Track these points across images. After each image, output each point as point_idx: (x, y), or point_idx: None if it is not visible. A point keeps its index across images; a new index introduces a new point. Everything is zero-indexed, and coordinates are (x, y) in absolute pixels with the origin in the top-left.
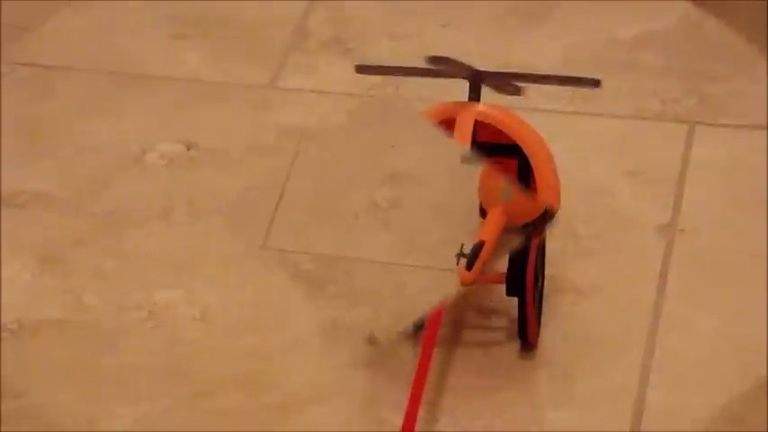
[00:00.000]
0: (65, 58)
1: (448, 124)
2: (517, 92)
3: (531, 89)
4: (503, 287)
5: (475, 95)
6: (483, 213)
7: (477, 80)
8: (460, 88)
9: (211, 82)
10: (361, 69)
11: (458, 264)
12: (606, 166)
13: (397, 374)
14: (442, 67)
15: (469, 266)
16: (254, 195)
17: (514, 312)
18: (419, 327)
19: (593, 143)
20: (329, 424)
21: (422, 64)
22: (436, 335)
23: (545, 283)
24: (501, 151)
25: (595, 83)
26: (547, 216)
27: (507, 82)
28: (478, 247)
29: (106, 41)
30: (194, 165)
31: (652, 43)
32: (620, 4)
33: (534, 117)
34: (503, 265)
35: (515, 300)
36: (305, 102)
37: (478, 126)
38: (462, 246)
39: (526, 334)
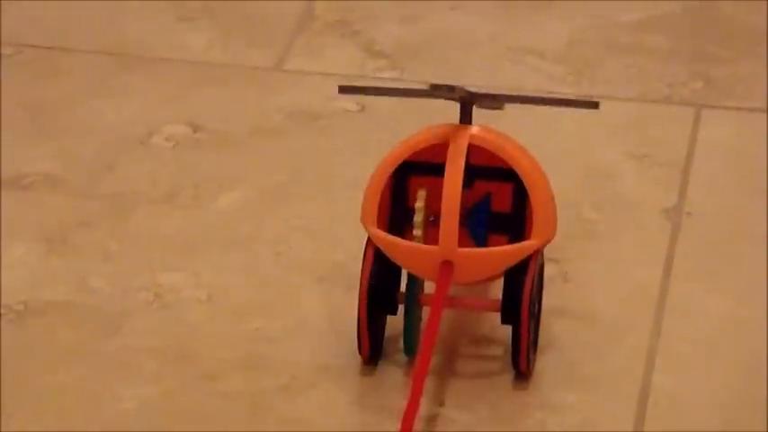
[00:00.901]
0: (70, 40)
1: (441, 148)
2: (500, 107)
3: (537, 72)
4: (497, 314)
5: (467, 118)
6: None
7: (468, 103)
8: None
9: (217, 64)
10: (345, 90)
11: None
12: (612, 149)
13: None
14: (431, 92)
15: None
16: (259, 179)
17: (509, 340)
18: (411, 353)
19: (598, 126)
20: (334, 406)
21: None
22: (429, 362)
23: (542, 309)
24: (495, 175)
25: (593, 105)
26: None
27: (500, 104)
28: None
29: (112, 23)
30: (200, 147)
31: (658, 26)
32: None
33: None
34: (497, 290)
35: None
36: (311, 84)
37: (472, 149)
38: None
39: (519, 364)
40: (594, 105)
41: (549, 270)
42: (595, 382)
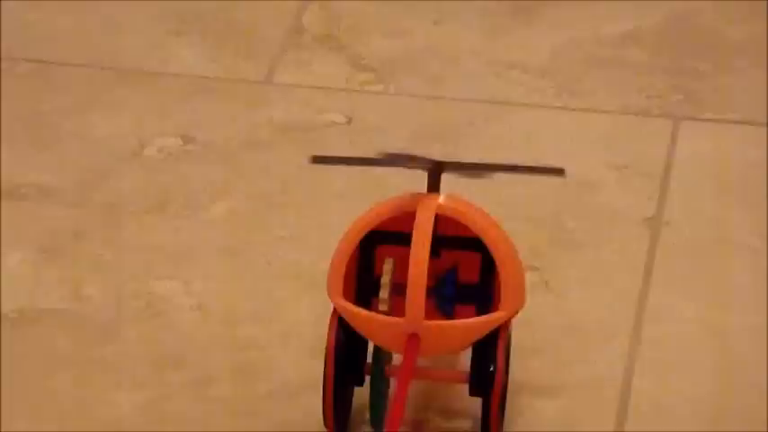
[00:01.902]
0: (64, 54)
1: (408, 217)
2: (480, 175)
3: (520, 86)
4: (465, 386)
5: (434, 187)
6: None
7: (436, 171)
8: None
9: (208, 77)
10: (317, 160)
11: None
12: (592, 160)
13: None
14: (400, 161)
15: None
16: (249, 189)
17: (478, 411)
18: (378, 425)
19: (579, 138)
20: (320, 413)
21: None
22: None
23: (509, 380)
24: (463, 245)
25: (559, 171)
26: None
27: (469, 172)
28: None
29: (104, 38)
30: (191, 158)
31: (638, 40)
32: (608, 3)
33: (520, 112)
34: (466, 360)
35: (479, 399)
36: (299, 97)
37: (439, 219)
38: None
39: None
40: (560, 172)
41: (530, 278)
42: (576, 388)
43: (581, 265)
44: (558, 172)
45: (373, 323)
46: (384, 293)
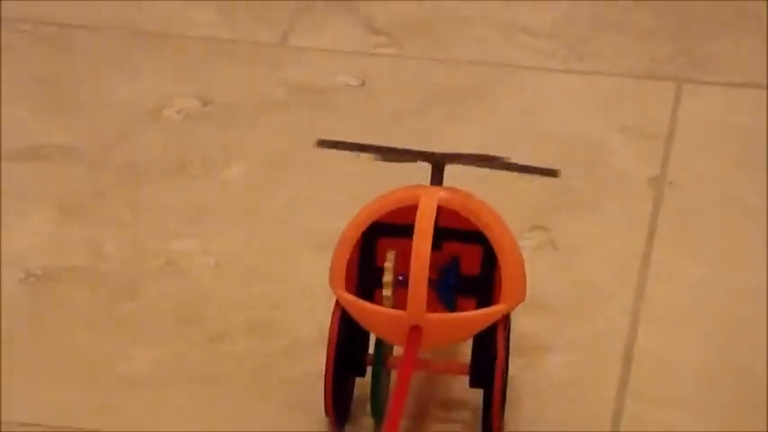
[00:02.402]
0: (84, 17)
1: (410, 209)
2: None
3: (528, 47)
4: (466, 377)
5: (437, 180)
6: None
7: (439, 164)
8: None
9: (224, 40)
10: (323, 144)
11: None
12: (599, 122)
13: None
14: (403, 155)
15: None
16: (264, 150)
17: (478, 402)
18: (379, 416)
19: (587, 100)
20: None
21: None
22: (397, 427)
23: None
24: (464, 237)
25: (553, 173)
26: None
27: (470, 165)
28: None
29: (122, 2)
30: (209, 120)
31: (645, 4)
32: None
33: (529, 75)
34: (465, 353)
35: (480, 390)
36: (314, 60)
37: (441, 211)
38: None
39: (491, 428)
40: (554, 173)
41: (538, 237)
42: (582, 344)
43: (587, 224)
44: (553, 173)
45: (375, 316)
46: (387, 289)
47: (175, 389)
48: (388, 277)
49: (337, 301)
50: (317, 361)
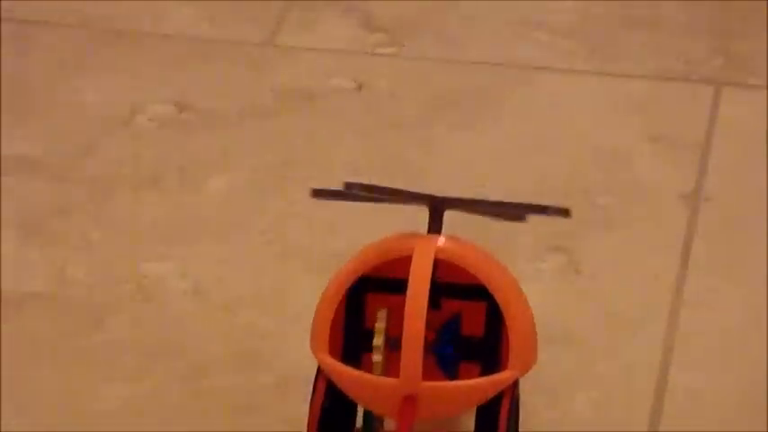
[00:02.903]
0: (47, 12)
1: (402, 263)
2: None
3: (545, 45)
4: None
5: (436, 226)
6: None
7: (438, 208)
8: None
9: (205, 39)
10: (317, 194)
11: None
12: (626, 130)
13: None
14: (400, 196)
15: None
16: (250, 161)
17: None
18: None
19: (611, 106)
20: None
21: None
22: None
23: None
24: (466, 294)
25: (565, 212)
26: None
27: (471, 209)
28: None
29: None
30: (187, 127)
31: None
32: None
33: (545, 77)
34: (469, 422)
35: None
36: (305, 61)
37: (439, 263)
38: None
39: None
40: (566, 213)
41: (558, 260)
42: (610, 379)
43: (613, 245)
44: (564, 213)
45: (363, 385)
46: (377, 354)
47: (148, 429)
48: (378, 340)
49: (319, 368)
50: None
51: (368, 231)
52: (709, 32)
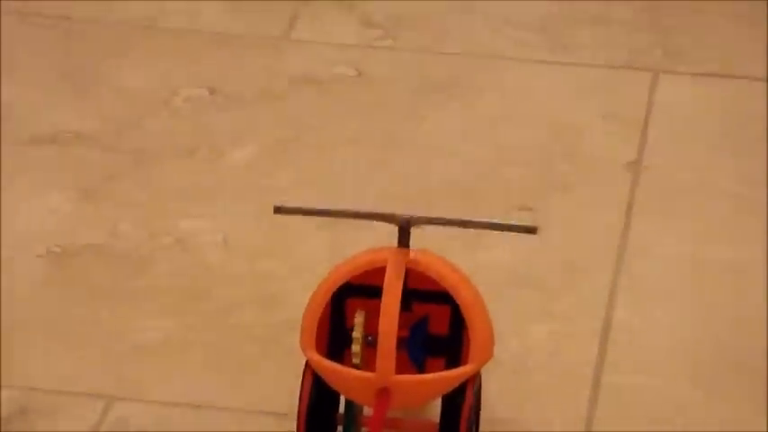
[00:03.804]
0: (97, 12)
1: (378, 272)
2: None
3: (515, 41)
4: None
5: (404, 242)
6: None
7: (406, 226)
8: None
9: (231, 34)
10: (280, 210)
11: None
12: (581, 109)
13: None
14: (369, 216)
15: None
16: (267, 136)
17: None
18: None
19: (568, 89)
20: None
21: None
22: None
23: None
24: (433, 298)
25: (530, 230)
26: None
27: (439, 225)
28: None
29: (138, 1)
30: (216, 107)
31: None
32: None
33: (515, 66)
34: (435, 411)
35: None
36: (314, 52)
37: (411, 273)
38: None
39: None
40: (533, 231)
41: (524, 217)
42: (564, 314)
43: (569, 205)
44: (531, 230)
45: (344, 377)
46: (356, 349)
47: (185, 357)
48: (356, 338)
49: (307, 362)
50: None
51: (367, 196)
52: (649, 29)
